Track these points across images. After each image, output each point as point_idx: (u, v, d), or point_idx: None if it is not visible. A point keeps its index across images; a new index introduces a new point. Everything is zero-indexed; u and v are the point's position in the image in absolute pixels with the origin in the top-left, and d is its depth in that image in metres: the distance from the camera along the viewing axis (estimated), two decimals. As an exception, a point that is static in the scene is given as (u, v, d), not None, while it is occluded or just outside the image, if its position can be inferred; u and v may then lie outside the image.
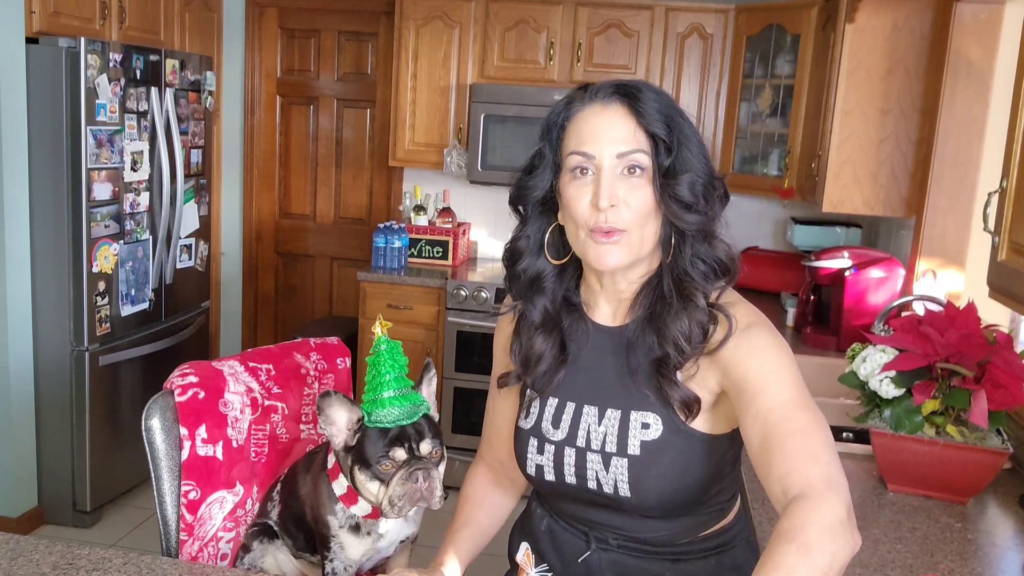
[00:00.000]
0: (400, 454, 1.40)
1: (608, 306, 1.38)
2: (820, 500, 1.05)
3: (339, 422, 1.44)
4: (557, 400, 1.38)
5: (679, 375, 1.28)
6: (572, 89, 1.34)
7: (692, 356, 1.27)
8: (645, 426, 1.30)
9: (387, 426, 1.40)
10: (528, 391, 1.41)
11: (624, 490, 1.30)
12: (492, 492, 1.55)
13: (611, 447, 1.31)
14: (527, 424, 1.40)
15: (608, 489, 1.32)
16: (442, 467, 1.45)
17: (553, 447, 1.36)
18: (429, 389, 1.50)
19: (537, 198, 1.34)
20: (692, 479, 1.29)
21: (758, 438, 1.16)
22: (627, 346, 1.34)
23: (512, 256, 1.39)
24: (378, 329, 1.43)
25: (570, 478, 1.35)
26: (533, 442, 1.38)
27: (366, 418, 1.42)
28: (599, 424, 1.33)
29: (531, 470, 1.39)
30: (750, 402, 1.19)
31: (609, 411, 1.33)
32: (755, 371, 1.21)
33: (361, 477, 1.42)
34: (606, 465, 1.31)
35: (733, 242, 1.32)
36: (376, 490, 1.41)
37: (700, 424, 1.29)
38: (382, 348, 1.41)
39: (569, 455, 1.34)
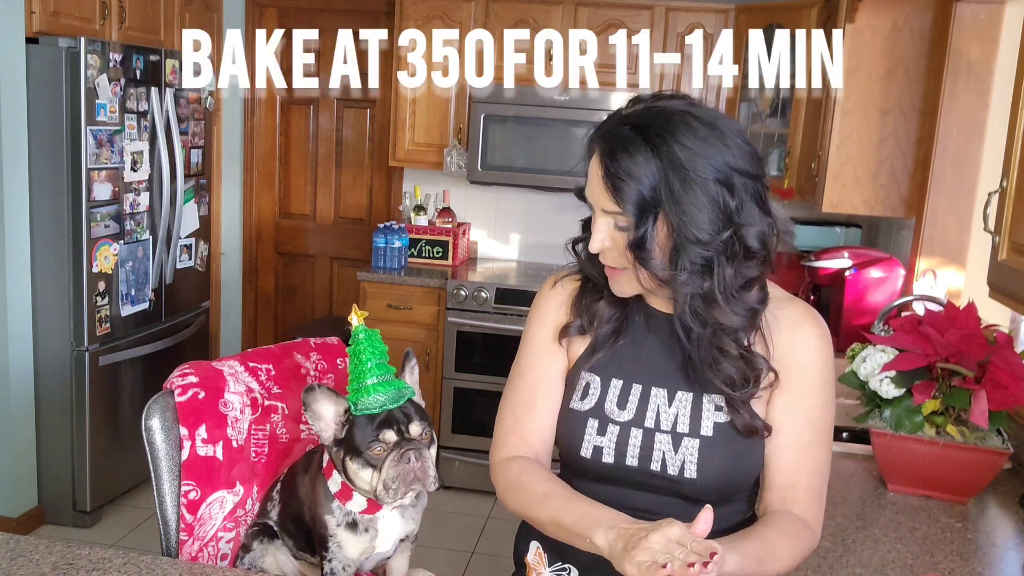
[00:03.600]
0: (390, 436, 1.40)
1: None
2: (815, 538, 1.32)
3: (326, 416, 1.44)
4: (622, 382, 1.38)
5: (736, 348, 1.30)
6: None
7: (752, 393, 1.31)
8: (719, 408, 1.33)
9: (374, 412, 1.41)
10: (583, 373, 1.40)
11: (691, 471, 1.31)
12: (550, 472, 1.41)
13: (683, 427, 1.33)
14: (584, 406, 1.38)
15: (673, 471, 1.32)
16: (433, 449, 1.45)
17: (618, 428, 1.35)
18: (412, 378, 1.50)
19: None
20: (755, 462, 1.33)
21: (788, 433, 1.33)
22: (684, 347, 1.35)
23: (583, 228, 1.41)
24: (355, 319, 1.43)
25: (632, 460, 1.34)
26: (592, 423, 1.37)
27: (352, 408, 1.42)
28: (669, 405, 1.34)
29: (587, 452, 1.37)
30: (794, 399, 1.33)
31: (680, 393, 1.35)
32: (813, 375, 1.33)
33: (353, 467, 1.42)
34: (676, 446, 1.32)
35: (770, 226, 1.28)
36: (369, 477, 1.41)
37: (760, 410, 1.33)
38: (361, 337, 1.42)
39: (635, 436, 1.34)
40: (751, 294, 1.28)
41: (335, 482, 1.49)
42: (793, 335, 1.34)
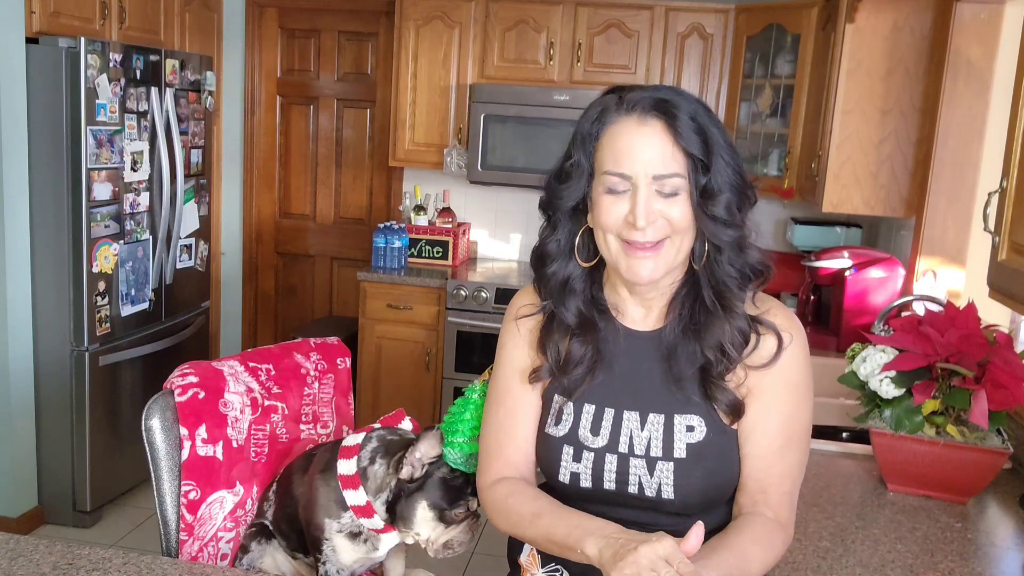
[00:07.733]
0: (473, 504, 1.45)
1: (639, 309, 1.38)
2: (788, 539, 1.32)
3: (422, 453, 1.45)
4: (594, 407, 1.36)
5: (725, 380, 1.31)
6: (604, 94, 1.32)
7: (737, 362, 1.30)
8: (690, 429, 1.32)
9: (465, 471, 1.45)
10: (556, 397, 1.38)
11: (668, 492, 1.31)
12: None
13: (656, 451, 1.32)
14: (559, 432, 1.36)
15: (650, 493, 1.32)
16: None
17: (592, 454, 1.34)
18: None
19: (570, 206, 1.34)
20: (732, 474, 1.33)
21: (758, 442, 1.32)
22: (667, 352, 1.34)
23: (541, 258, 1.38)
24: (478, 384, 1.49)
25: (609, 484, 1.33)
26: (568, 450, 1.35)
27: (445, 456, 1.45)
28: (642, 429, 1.33)
29: (564, 478, 1.36)
30: (764, 406, 1.31)
31: (651, 416, 1.33)
32: (782, 382, 1.32)
33: (421, 512, 1.45)
34: (651, 470, 1.31)
35: (763, 244, 1.34)
36: (432, 529, 1.45)
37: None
38: (475, 396, 1.47)
39: (610, 461, 1.33)
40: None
41: (359, 496, 1.48)
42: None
